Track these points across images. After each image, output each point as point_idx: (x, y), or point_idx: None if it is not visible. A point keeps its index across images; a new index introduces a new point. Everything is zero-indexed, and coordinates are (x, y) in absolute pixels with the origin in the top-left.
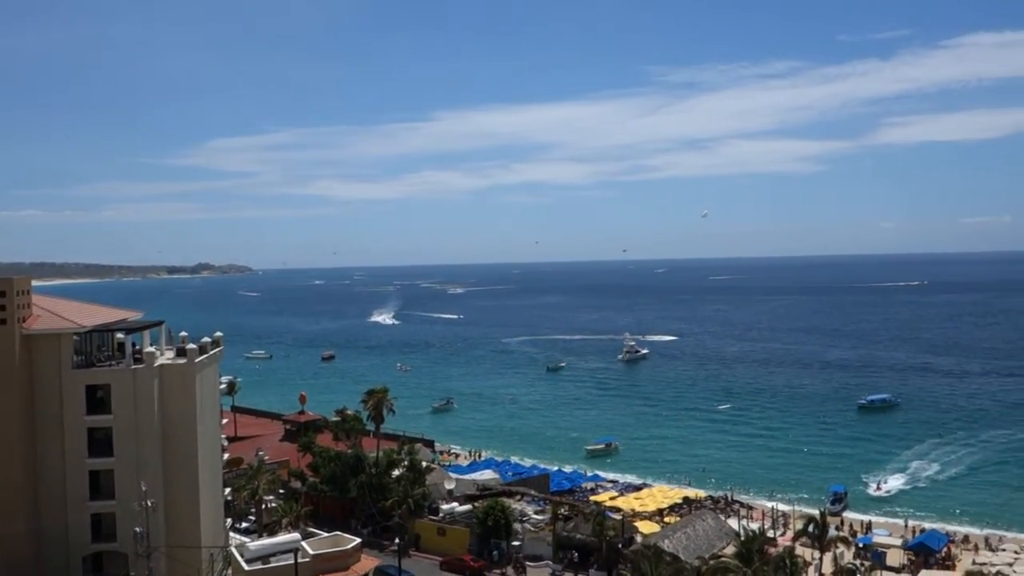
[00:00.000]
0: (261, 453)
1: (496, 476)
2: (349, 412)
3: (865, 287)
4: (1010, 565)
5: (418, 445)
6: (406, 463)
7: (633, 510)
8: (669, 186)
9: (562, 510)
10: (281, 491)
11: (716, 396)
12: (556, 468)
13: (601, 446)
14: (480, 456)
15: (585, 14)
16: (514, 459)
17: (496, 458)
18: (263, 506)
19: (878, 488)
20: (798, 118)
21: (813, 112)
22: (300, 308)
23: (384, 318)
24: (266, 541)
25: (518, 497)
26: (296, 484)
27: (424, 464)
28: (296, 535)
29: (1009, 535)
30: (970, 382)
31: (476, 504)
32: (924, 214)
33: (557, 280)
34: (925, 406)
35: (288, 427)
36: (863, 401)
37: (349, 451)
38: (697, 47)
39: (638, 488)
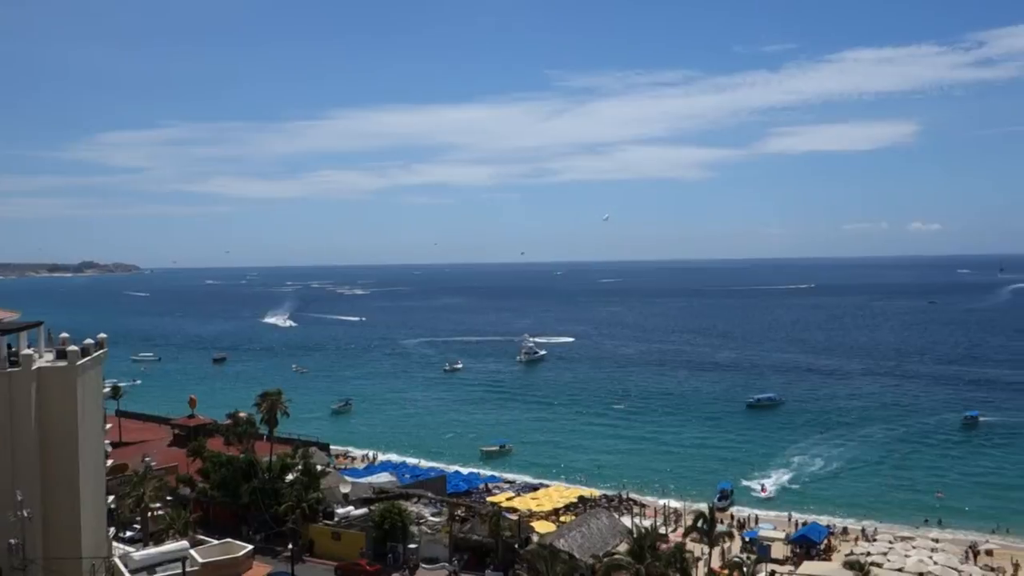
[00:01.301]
0: (148, 459)
1: (393, 479)
2: (242, 415)
3: (754, 290)
4: (884, 554)
5: (313, 448)
6: (300, 467)
7: (530, 510)
8: (569, 190)
9: (459, 512)
10: (169, 498)
11: (611, 396)
12: (453, 470)
13: (495, 447)
14: (377, 459)
15: (487, 17)
16: (411, 461)
17: (393, 461)
18: (149, 514)
19: (763, 490)
20: (690, 126)
21: (705, 120)
22: (191, 309)
23: (279, 319)
24: (152, 550)
25: (415, 500)
26: (185, 490)
27: (319, 468)
28: (184, 543)
29: (883, 526)
30: (850, 381)
31: (372, 507)
32: (809, 220)
33: (458, 282)
34: (809, 404)
35: (177, 432)
36: (751, 400)
37: (241, 456)
38: (595, 53)
39: (535, 488)
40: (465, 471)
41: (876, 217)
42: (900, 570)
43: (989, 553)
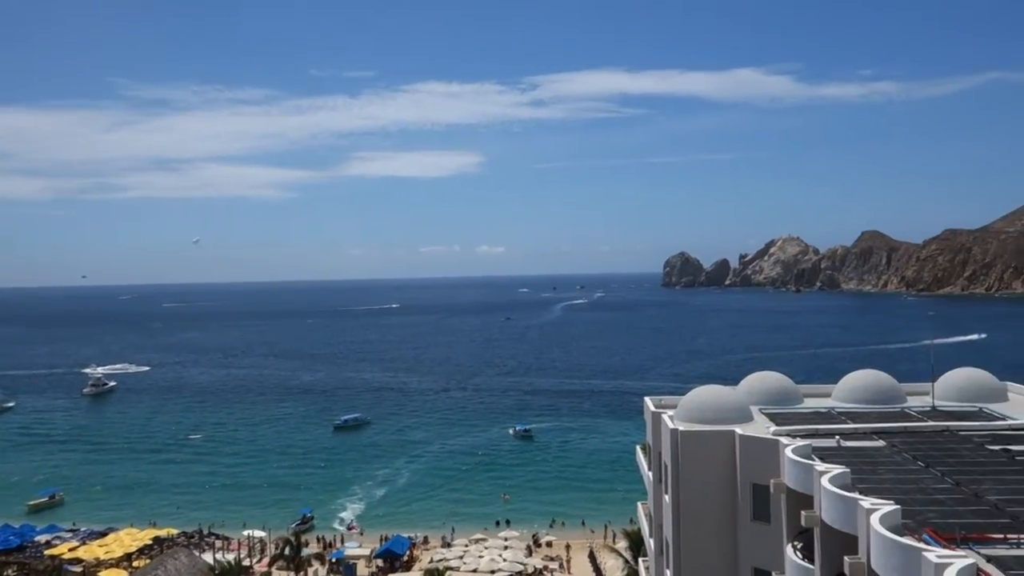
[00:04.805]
0: None
1: None
2: None
3: (339, 311)
4: (460, 557)
5: None
6: None
7: (97, 558)
8: (139, 207)
9: (9, 572)
10: None
11: (189, 427)
12: (2, 524)
13: (44, 499)
14: None
15: (37, 16)
16: None
17: None
18: None
19: (349, 511)
20: (271, 145)
21: (286, 140)
22: None
23: None
24: None
25: None
26: None
27: None
28: None
29: (461, 531)
30: (430, 397)
31: None
32: (389, 243)
33: (2, 310)
34: (393, 421)
35: None
36: (338, 421)
37: None
38: (169, 64)
39: (103, 534)
40: (17, 524)
41: (449, 240)
42: (475, 571)
43: (549, 544)
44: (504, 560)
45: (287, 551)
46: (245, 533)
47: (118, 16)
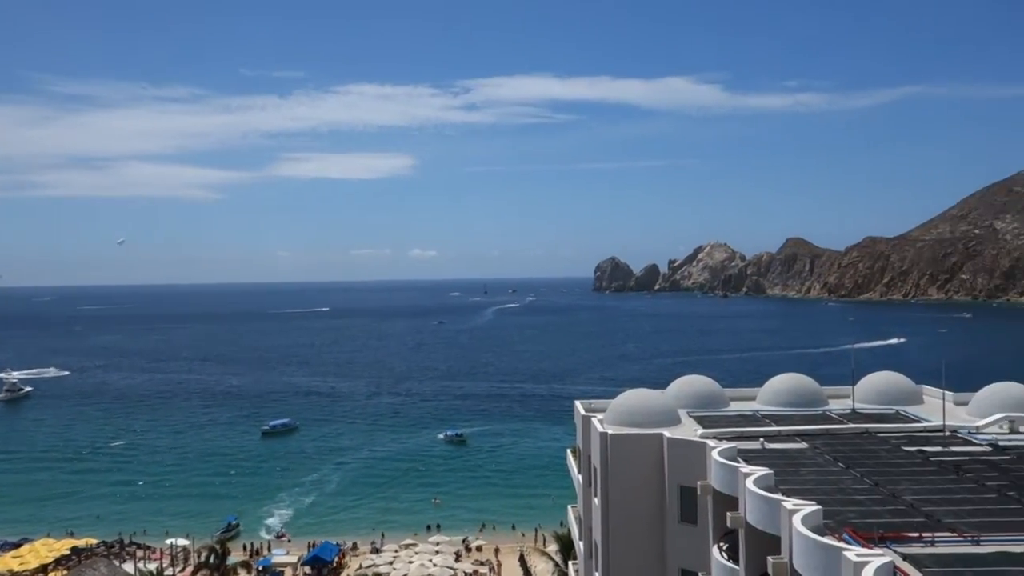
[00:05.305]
0: None
1: None
2: None
3: (269, 314)
4: (390, 563)
5: None
6: None
7: (11, 570)
8: (59, 206)
9: None
10: None
11: (110, 434)
12: None
13: None
14: None
15: None
16: None
17: None
18: None
19: (275, 517)
20: (199, 145)
21: (214, 140)
22: None
23: None
24: None
25: None
26: None
27: None
28: None
29: (392, 537)
30: (360, 401)
31: None
32: (320, 245)
33: None
34: (323, 427)
35: None
36: (265, 427)
37: None
38: (92, 60)
39: (16, 545)
40: None
41: (381, 243)
42: None
43: (479, 549)
44: (434, 565)
45: (211, 559)
46: (168, 542)
47: (36, 8)
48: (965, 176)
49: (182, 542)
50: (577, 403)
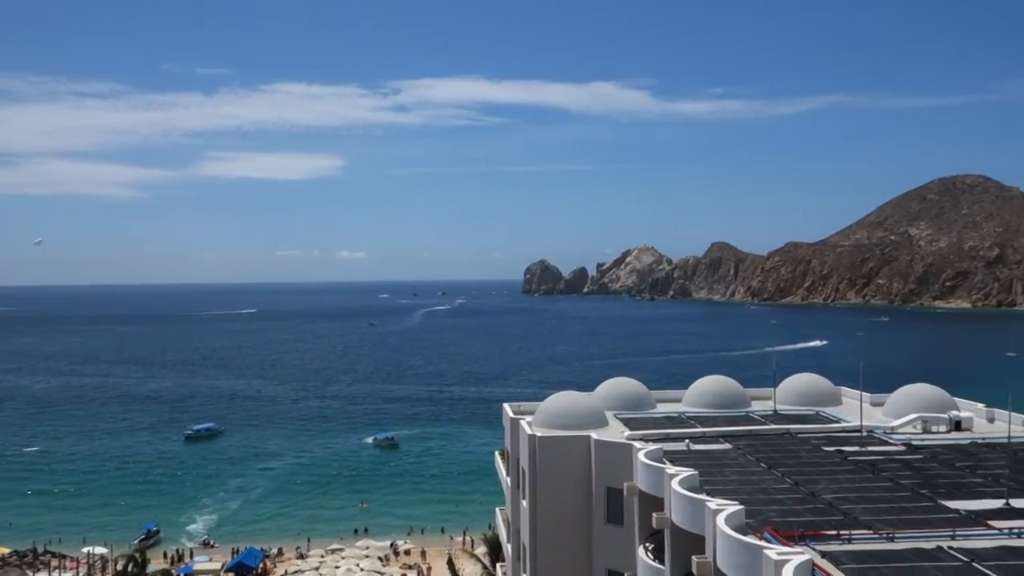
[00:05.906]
0: None
1: None
2: None
3: (191, 316)
4: (316, 569)
5: None
6: None
7: None
8: None
9: None
10: None
11: (23, 439)
12: None
13: None
14: None
15: None
16: None
17: None
18: None
19: (197, 523)
20: (118, 142)
21: (135, 137)
22: None
23: None
24: None
25: None
26: None
27: None
28: None
29: (318, 541)
30: (286, 405)
31: None
32: (245, 246)
33: None
34: (248, 431)
35: None
36: (188, 431)
37: None
38: (6, 53)
39: None
40: None
41: (308, 245)
42: None
43: (407, 552)
44: (362, 570)
45: (131, 568)
46: (85, 550)
47: None
48: (882, 184)
49: (100, 551)
50: (506, 406)
